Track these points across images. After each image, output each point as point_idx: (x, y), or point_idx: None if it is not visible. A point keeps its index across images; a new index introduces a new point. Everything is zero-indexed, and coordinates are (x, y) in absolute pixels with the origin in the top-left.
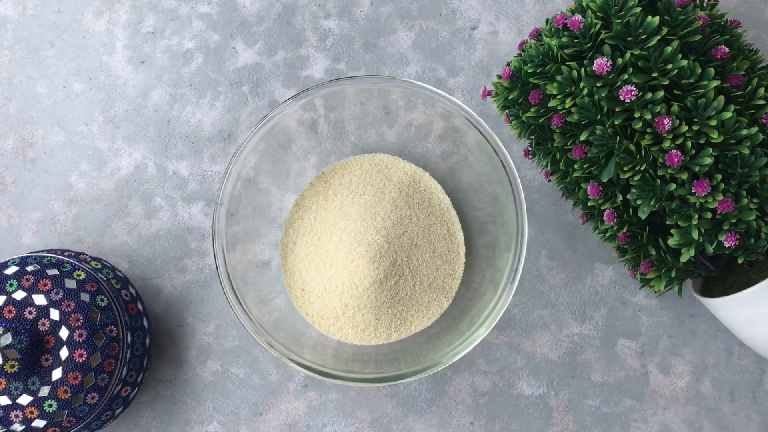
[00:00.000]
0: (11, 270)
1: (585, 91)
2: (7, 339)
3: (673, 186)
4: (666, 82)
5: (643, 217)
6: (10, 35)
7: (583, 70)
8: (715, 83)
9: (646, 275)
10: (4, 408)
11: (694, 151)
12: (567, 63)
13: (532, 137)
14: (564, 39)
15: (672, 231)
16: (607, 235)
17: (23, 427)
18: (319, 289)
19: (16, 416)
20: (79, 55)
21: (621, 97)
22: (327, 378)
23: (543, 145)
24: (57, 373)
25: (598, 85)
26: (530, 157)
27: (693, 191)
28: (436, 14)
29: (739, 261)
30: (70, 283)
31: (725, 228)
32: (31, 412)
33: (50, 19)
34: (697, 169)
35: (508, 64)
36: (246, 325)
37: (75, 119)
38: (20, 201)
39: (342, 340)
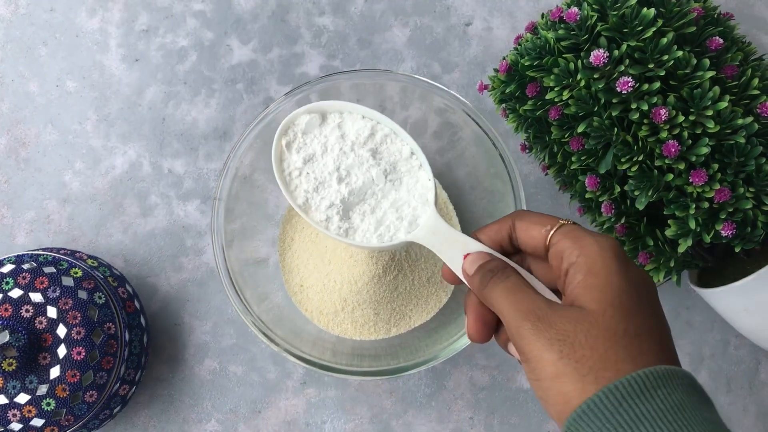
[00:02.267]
0: (7, 268)
1: (582, 83)
2: (5, 337)
3: (671, 176)
4: (662, 73)
5: (641, 207)
6: (2, 34)
7: (579, 62)
8: (711, 74)
9: (645, 266)
10: (2, 407)
11: (690, 141)
12: (564, 55)
13: (530, 130)
14: (560, 31)
15: (669, 221)
16: (605, 226)
17: (21, 426)
18: (318, 284)
19: (14, 415)
20: (72, 53)
21: (618, 89)
22: (327, 371)
23: (540, 138)
24: (55, 371)
25: (595, 76)
26: (527, 151)
27: (690, 181)
28: (430, 11)
29: (737, 250)
30: (67, 281)
31: (722, 217)
32: (29, 411)
33: (43, 18)
34: (693, 159)
35: (504, 58)
36: (246, 320)
37: (68, 118)
38: (14, 200)
39: (341, 336)
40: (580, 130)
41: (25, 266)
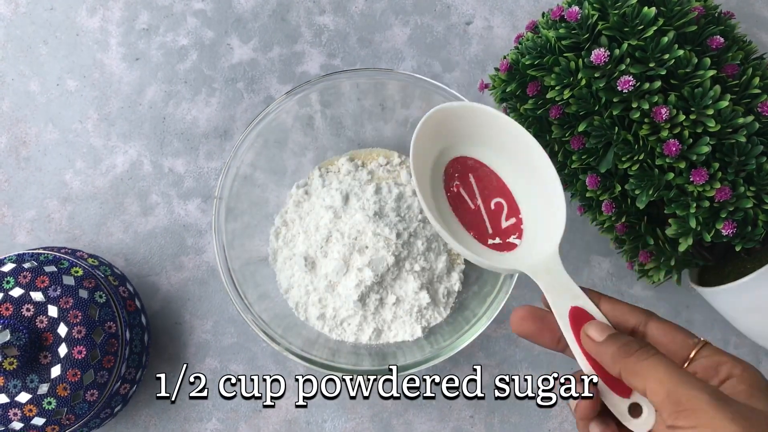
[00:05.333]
0: (8, 267)
1: (583, 82)
2: (6, 336)
3: (671, 175)
4: (663, 72)
5: (642, 206)
6: (2, 33)
7: (580, 61)
8: (711, 73)
9: (645, 265)
10: (3, 406)
11: (691, 140)
12: (564, 54)
13: (530, 129)
14: (561, 30)
15: (670, 220)
16: (605, 225)
17: (22, 425)
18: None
19: (15, 414)
20: (72, 52)
21: (619, 88)
22: (327, 370)
23: (541, 137)
24: (56, 371)
25: (596, 75)
26: None
27: (691, 180)
28: (430, 9)
29: (737, 249)
30: (68, 280)
31: (723, 216)
32: (30, 410)
33: (43, 17)
34: (694, 158)
35: (505, 57)
36: (247, 319)
37: (69, 117)
38: (14, 200)
39: (340, 339)
40: (580, 129)
41: (26, 265)
